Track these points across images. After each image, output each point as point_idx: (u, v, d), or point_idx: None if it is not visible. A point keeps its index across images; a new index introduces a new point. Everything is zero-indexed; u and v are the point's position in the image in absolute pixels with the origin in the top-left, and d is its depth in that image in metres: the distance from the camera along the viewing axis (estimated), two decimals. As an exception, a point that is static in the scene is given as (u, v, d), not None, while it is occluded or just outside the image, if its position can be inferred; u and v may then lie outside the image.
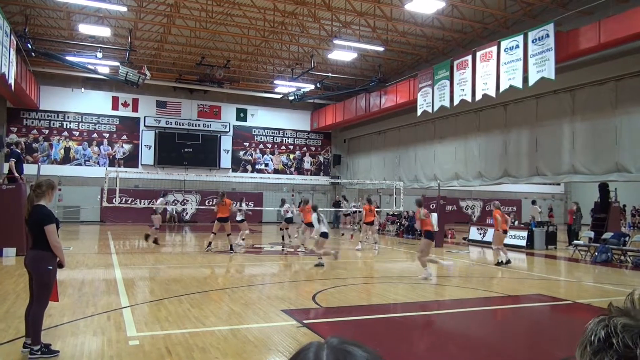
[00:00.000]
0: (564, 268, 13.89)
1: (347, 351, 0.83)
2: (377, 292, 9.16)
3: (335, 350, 0.84)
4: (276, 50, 23.86)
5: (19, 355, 5.04)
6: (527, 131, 18.88)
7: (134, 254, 14.05)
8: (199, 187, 27.46)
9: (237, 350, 5.42)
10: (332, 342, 0.86)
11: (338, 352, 0.83)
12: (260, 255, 14.97)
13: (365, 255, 15.35)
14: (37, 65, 22.83)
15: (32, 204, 5.22)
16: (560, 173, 17.68)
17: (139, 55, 23.96)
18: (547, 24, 13.86)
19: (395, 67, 25.15)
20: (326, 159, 32.28)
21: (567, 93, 17.08)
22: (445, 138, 23.28)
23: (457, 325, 7.20)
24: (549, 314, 8.26)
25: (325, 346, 0.85)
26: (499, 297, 8.87)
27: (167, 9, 18.97)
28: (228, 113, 29.75)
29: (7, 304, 7.28)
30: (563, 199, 36.71)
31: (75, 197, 25.35)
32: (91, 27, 19.31)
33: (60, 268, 5.33)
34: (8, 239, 12.22)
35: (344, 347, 0.85)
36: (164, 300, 7.88)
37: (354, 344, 0.86)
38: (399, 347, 5.99)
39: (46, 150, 26.04)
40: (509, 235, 18.45)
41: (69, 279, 9.47)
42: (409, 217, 22.81)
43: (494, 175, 20.52)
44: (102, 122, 27.14)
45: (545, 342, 6.45)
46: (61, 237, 5.28)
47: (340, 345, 0.85)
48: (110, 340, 5.66)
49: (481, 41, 18.65)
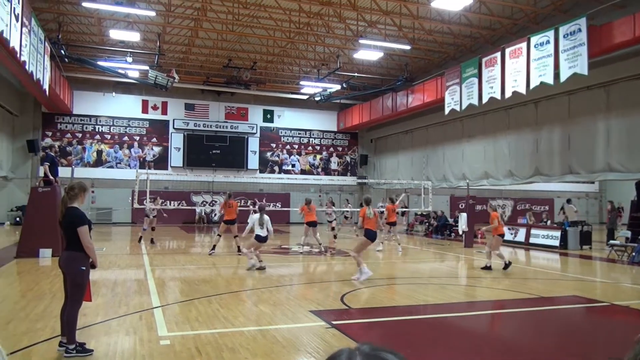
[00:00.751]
0: (600, 269, 13.49)
1: (380, 358, 0.80)
2: (406, 293, 9.07)
3: (368, 357, 0.81)
4: (302, 51, 23.92)
5: (55, 354, 5.16)
6: (559, 128, 18.43)
7: (164, 255, 14.27)
8: (227, 189, 27.66)
9: (266, 350, 5.43)
10: (364, 349, 0.83)
11: (371, 359, 0.80)
12: (287, 255, 15.00)
13: (389, 256, 15.22)
14: (70, 70, 23.45)
15: (65, 206, 5.33)
16: (594, 171, 17.21)
17: (168, 59, 24.36)
18: (579, 18, 13.49)
19: (422, 66, 24.89)
20: (353, 159, 32.19)
21: (601, 89, 16.61)
22: (474, 137, 22.94)
23: (489, 327, 7.06)
24: (585, 316, 8.02)
25: (357, 353, 0.82)
26: (532, 299, 8.66)
27: (194, 12, 19.23)
28: (255, 114, 29.98)
29: (44, 303, 7.47)
30: (597, 198, 35.70)
31: (107, 199, 25.93)
32: (121, 33, 19.73)
33: (93, 269, 5.43)
34: (44, 240, 12.55)
35: (377, 354, 0.81)
36: (194, 300, 7.97)
37: (386, 350, 0.83)
38: (429, 349, 5.91)
39: (79, 153, 26.72)
40: (541, 235, 18.13)
41: (102, 279, 9.67)
42: (438, 217, 22.55)
43: (525, 174, 20.11)
44: (133, 125, 27.70)
45: (581, 345, 6.26)
46: (94, 238, 5.38)
47: (373, 352, 0.82)
48: (142, 339, 5.75)
49: (510, 37, 18.30)
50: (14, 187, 25.12)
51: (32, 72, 15.06)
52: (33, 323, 6.31)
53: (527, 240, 18.46)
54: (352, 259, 10.35)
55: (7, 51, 12.87)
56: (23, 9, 13.05)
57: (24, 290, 8.63)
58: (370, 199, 10.47)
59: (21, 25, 12.94)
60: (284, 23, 20.05)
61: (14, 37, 12.28)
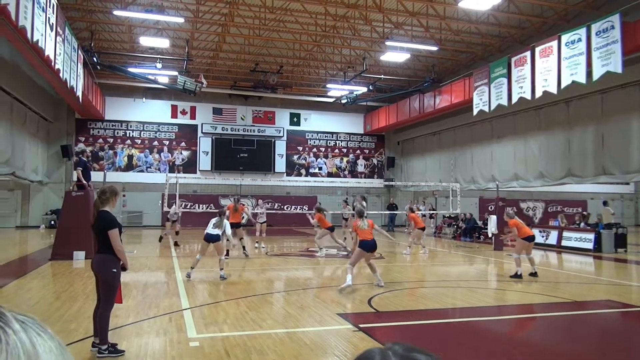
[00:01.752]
0: (636, 272, 13.07)
1: (413, 358, 0.78)
2: (434, 297, 8.96)
3: (401, 358, 0.79)
4: (328, 54, 23.96)
5: (88, 354, 5.28)
6: (592, 128, 17.95)
7: (193, 258, 14.45)
8: (254, 192, 27.96)
9: (294, 353, 5.44)
10: (396, 350, 0.80)
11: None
12: (314, 258, 15.02)
13: (418, 259, 15.07)
14: (102, 77, 24.04)
15: (97, 210, 5.47)
16: (629, 172, 16.69)
17: (196, 65, 24.74)
18: (612, 15, 13.13)
19: (449, 67, 24.63)
20: (380, 161, 32.04)
21: (636, 86, 16.11)
22: (503, 137, 22.55)
23: (519, 331, 6.92)
24: (620, 321, 7.78)
25: (390, 353, 0.80)
26: (566, 303, 8.45)
27: (221, 18, 19.49)
28: (282, 118, 30.16)
29: (78, 304, 7.66)
30: (633, 199, 34.63)
31: (138, 202, 26.45)
32: (151, 39, 20.16)
33: (124, 271, 5.55)
34: (78, 243, 12.87)
35: (411, 355, 0.79)
36: (222, 302, 8.05)
37: (421, 351, 0.79)
38: (458, 353, 5.82)
39: (111, 158, 27.35)
40: (574, 237, 17.68)
41: (133, 281, 9.86)
42: (467, 220, 22.24)
43: (556, 175, 19.65)
44: (162, 130, 28.21)
45: (617, 351, 6.08)
46: (125, 241, 5.51)
47: (406, 353, 0.79)
48: (172, 341, 5.83)
49: (540, 36, 17.92)
50: (48, 192, 25.87)
51: (66, 80, 15.50)
52: (67, 323, 6.48)
53: (559, 243, 18.03)
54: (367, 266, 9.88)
55: (43, 60, 13.29)
56: (57, 19, 13.46)
57: (59, 291, 8.87)
58: (363, 211, 10.04)
59: (55, 35, 13.34)
60: (310, 26, 20.13)
61: (48, 46, 12.67)
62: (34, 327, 0.65)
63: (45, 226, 24.91)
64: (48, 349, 0.65)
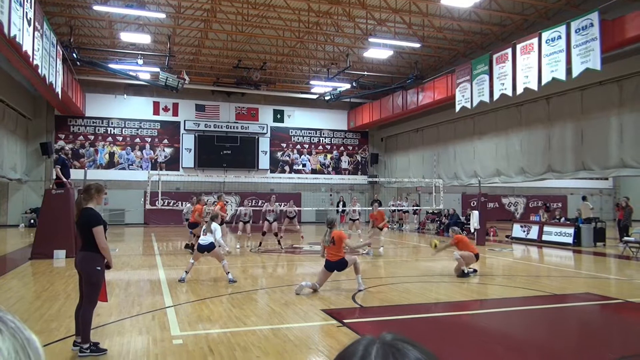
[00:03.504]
0: (614, 266, 13.34)
1: (398, 349, 0.77)
2: (418, 292, 9.03)
3: (386, 346, 0.78)
4: (311, 50, 23.93)
5: (70, 353, 5.22)
6: (572, 124, 18.25)
7: (176, 255, 14.35)
8: (238, 189, 27.83)
9: (278, 349, 5.45)
10: (385, 338, 0.80)
11: (389, 348, 0.78)
12: (299, 255, 15.02)
13: (400, 254, 15.16)
14: (82, 73, 23.69)
15: (81, 207, 5.39)
16: (608, 167, 17.01)
17: (178, 61, 24.51)
18: (591, 13, 13.34)
19: (432, 64, 24.79)
20: (364, 158, 32.15)
21: (614, 84, 16.41)
22: (485, 134, 22.80)
23: (502, 325, 7.01)
24: (599, 314, 7.94)
25: (377, 341, 0.80)
26: (546, 296, 8.59)
27: (204, 14, 19.33)
28: (265, 115, 30.05)
29: (58, 303, 7.56)
30: (612, 194, 35.30)
31: (119, 200, 26.14)
32: (132, 35, 19.90)
33: (108, 269, 5.49)
34: (58, 242, 12.69)
35: (396, 344, 0.79)
36: (206, 300, 8.01)
37: (408, 342, 0.80)
38: (441, 347, 5.88)
39: (92, 155, 26.98)
40: (554, 232, 17.97)
41: (116, 279, 9.76)
42: (450, 215, 22.45)
43: (537, 170, 19.95)
44: (144, 127, 27.90)
45: (596, 343, 6.20)
46: (108, 239, 5.43)
47: (392, 342, 0.79)
48: (155, 339, 5.79)
49: (521, 33, 18.14)
50: (28, 190, 25.44)
51: (45, 76, 15.23)
52: (48, 323, 6.39)
53: (540, 238, 18.31)
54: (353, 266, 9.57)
55: (20, 55, 13.04)
56: (35, 14, 13.20)
57: (39, 290, 8.74)
58: (334, 221, 8.84)
59: (34, 30, 13.09)
60: (293, 23, 20.08)
61: (26, 41, 12.43)
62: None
63: (25, 225, 24.50)
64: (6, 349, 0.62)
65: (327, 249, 8.59)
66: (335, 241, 8.47)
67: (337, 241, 8.47)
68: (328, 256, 8.56)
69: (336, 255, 8.49)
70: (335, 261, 8.47)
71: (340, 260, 8.49)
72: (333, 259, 8.49)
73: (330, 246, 8.51)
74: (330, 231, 8.57)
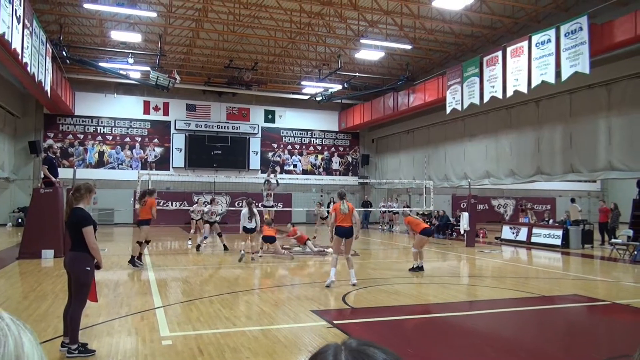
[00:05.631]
0: (602, 267, 13.48)
1: (366, 354, 0.81)
2: (408, 293, 9.07)
3: (353, 352, 0.81)
4: (303, 51, 23.93)
5: (58, 354, 5.18)
6: (561, 127, 18.42)
7: (166, 256, 14.29)
8: (228, 189, 27.74)
9: (268, 350, 5.44)
10: (350, 344, 0.83)
11: (357, 354, 0.81)
12: (289, 255, 14.98)
13: (391, 254, 15.22)
14: (71, 72, 23.49)
15: (71, 207, 5.36)
16: (596, 170, 17.19)
17: (169, 60, 24.39)
18: (580, 17, 13.47)
19: (423, 65, 24.89)
20: (354, 159, 32.20)
21: (603, 87, 16.59)
22: (475, 136, 22.94)
23: (490, 326, 7.06)
24: (586, 315, 8.02)
25: (343, 348, 0.83)
26: (534, 298, 8.66)
27: (195, 13, 19.26)
28: (256, 115, 30.00)
29: (47, 303, 7.49)
30: (600, 197, 35.61)
31: (109, 199, 25.94)
32: (123, 34, 19.76)
33: (98, 269, 5.45)
34: (46, 241, 12.59)
35: (363, 349, 0.82)
36: (195, 300, 7.99)
37: (373, 345, 0.83)
38: (430, 348, 5.91)
39: (81, 154, 26.77)
40: (543, 234, 18.12)
41: (105, 279, 9.69)
42: (440, 217, 22.57)
43: (526, 173, 20.10)
44: (134, 126, 27.73)
45: (583, 344, 6.26)
46: (97, 239, 5.40)
47: (359, 347, 0.82)
48: (144, 339, 5.76)
49: (511, 36, 18.27)
50: (16, 189, 25.18)
51: (34, 74, 15.08)
52: (36, 323, 6.33)
53: (529, 240, 18.45)
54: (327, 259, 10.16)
55: (9, 53, 12.91)
56: (25, 11, 13.07)
57: (27, 290, 8.66)
58: (345, 193, 10.09)
59: (23, 27, 12.96)
60: (285, 23, 20.07)
61: (15, 39, 12.30)
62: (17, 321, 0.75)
63: (13, 224, 24.25)
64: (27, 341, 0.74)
65: (343, 218, 9.37)
66: (350, 209, 9.47)
67: (350, 209, 9.48)
68: (344, 223, 9.36)
69: (350, 222, 9.43)
70: (350, 227, 9.38)
71: (351, 227, 9.46)
72: (348, 224, 9.38)
73: (347, 214, 9.41)
74: (345, 201, 9.60)
